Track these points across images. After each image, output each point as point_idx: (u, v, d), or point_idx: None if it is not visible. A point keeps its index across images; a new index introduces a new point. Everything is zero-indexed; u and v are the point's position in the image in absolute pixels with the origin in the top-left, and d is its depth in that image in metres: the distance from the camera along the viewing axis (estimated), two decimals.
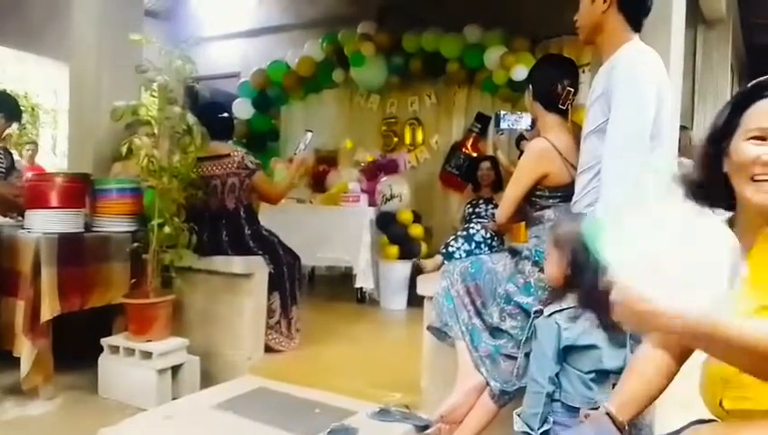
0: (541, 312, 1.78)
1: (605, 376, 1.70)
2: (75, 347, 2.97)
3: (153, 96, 3.01)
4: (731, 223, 1.20)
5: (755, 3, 5.48)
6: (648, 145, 1.85)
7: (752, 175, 1.10)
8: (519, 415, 1.72)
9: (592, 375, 1.67)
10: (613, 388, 1.70)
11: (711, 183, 1.20)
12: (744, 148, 1.12)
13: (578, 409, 1.66)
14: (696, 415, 1.25)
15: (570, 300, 1.72)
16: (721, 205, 1.23)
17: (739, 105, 1.17)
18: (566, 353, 1.69)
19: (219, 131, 3.39)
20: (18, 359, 2.75)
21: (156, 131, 2.98)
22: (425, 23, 5.24)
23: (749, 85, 1.17)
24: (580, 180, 2.04)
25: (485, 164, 4.53)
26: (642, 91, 1.86)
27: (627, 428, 1.25)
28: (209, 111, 3.57)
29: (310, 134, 3.56)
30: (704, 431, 1.14)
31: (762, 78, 1.17)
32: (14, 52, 6.99)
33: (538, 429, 1.65)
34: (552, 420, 1.67)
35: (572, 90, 2.25)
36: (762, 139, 1.10)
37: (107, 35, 3.80)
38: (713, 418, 1.19)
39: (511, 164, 3.67)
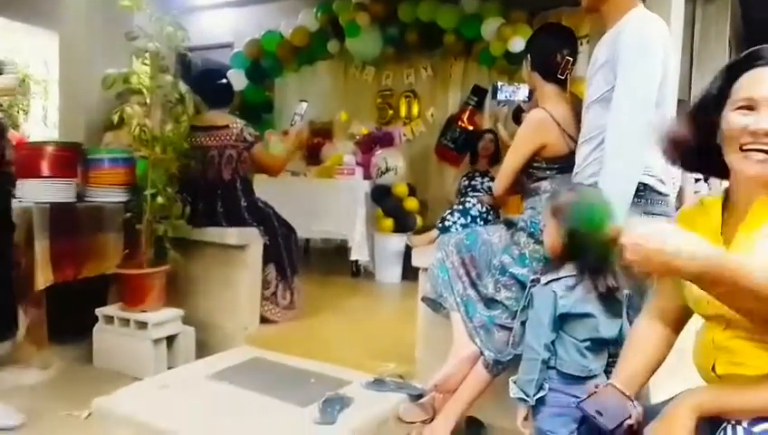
0: (538, 280, 1.79)
1: (600, 345, 1.71)
2: (70, 317, 2.97)
3: (145, 64, 2.96)
4: (726, 193, 1.21)
5: None
6: (653, 113, 1.83)
7: (740, 145, 1.10)
8: (515, 382, 1.74)
9: (587, 343, 1.69)
10: (609, 357, 1.72)
11: (703, 153, 1.20)
12: (731, 118, 1.12)
13: (573, 376, 1.68)
14: (682, 380, 1.27)
15: (567, 269, 1.73)
16: (714, 174, 1.24)
17: (730, 76, 1.17)
18: (562, 321, 1.70)
19: (217, 99, 3.34)
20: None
21: (148, 100, 2.93)
22: None
23: (741, 55, 1.17)
24: (582, 151, 2.02)
25: (489, 136, 4.50)
26: (649, 58, 1.82)
27: (634, 400, 1.26)
28: (206, 78, 3.50)
29: (305, 104, 3.50)
30: (695, 390, 1.15)
31: (754, 48, 1.16)
32: (3, 22, 6.84)
33: (533, 395, 1.67)
34: (547, 386, 1.68)
35: (571, 59, 2.22)
36: (749, 108, 1.10)
37: (96, 2, 3.72)
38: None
39: (510, 137, 3.64)
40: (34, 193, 2.89)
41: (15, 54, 8.00)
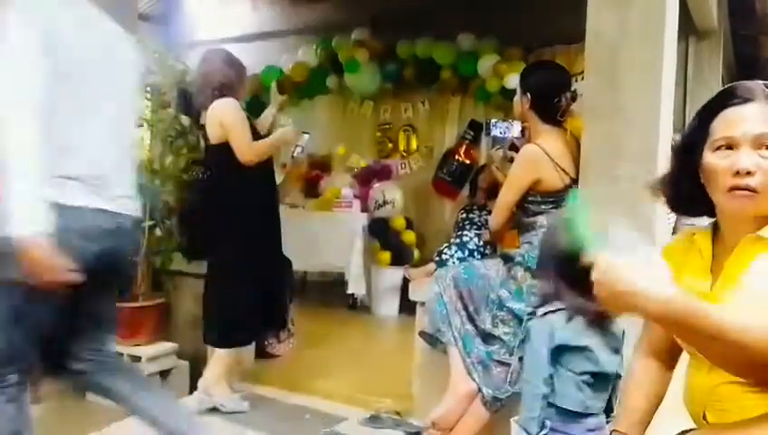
0: (534, 313, 1.78)
1: (600, 381, 1.68)
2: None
3: (147, 99, 3.00)
4: (714, 227, 1.21)
5: (745, 15, 5.55)
6: None
7: (726, 187, 1.09)
8: (517, 422, 1.70)
9: (585, 377, 1.66)
10: (610, 395, 1.70)
11: (690, 196, 1.19)
12: (713, 159, 1.11)
13: (572, 412, 1.65)
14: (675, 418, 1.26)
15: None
16: (704, 214, 1.22)
17: (706, 116, 1.15)
18: (559, 354, 1.67)
19: None
20: None
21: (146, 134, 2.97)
22: (419, 30, 5.26)
23: (715, 95, 1.16)
24: None
25: (493, 169, 4.50)
26: None
27: None
28: None
29: (306, 136, 3.49)
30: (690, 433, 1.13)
31: (726, 87, 1.16)
32: None
33: (536, 434, 1.63)
34: (549, 424, 1.65)
35: (573, 100, 2.25)
36: (728, 148, 1.09)
37: None
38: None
39: (505, 177, 3.66)
40: None
41: None
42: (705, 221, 1.25)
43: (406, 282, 4.20)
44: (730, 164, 1.08)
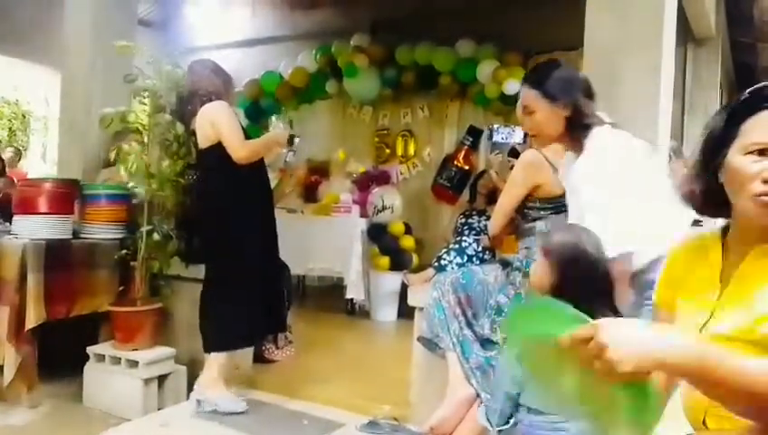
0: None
1: None
2: (60, 355, 2.93)
3: (143, 103, 3.00)
4: (724, 231, 1.17)
5: (743, 23, 5.57)
6: None
7: (754, 193, 1.03)
8: (487, 407, 1.75)
9: None
10: None
11: (709, 195, 1.14)
12: (743, 163, 1.04)
13: (540, 412, 1.66)
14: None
15: None
16: (721, 215, 1.17)
17: (737, 115, 1.09)
18: None
19: None
20: (1, 366, 2.71)
21: (145, 139, 2.97)
22: (418, 36, 5.28)
23: (747, 93, 1.10)
24: None
25: (492, 174, 4.51)
26: None
27: None
28: None
29: (297, 139, 3.48)
30: None
31: (759, 87, 1.09)
32: (5, 58, 6.96)
33: (496, 425, 1.66)
34: (513, 421, 1.68)
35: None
36: (761, 153, 1.03)
37: (99, 43, 3.78)
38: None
39: (504, 183, 3.65)
40: (30, 230, 2.88)
41: (17, 90, 8.10)
42: (711, 223, 1.22)
43: (404, 287, 4.20)
44: (761, 169, 1.03)
